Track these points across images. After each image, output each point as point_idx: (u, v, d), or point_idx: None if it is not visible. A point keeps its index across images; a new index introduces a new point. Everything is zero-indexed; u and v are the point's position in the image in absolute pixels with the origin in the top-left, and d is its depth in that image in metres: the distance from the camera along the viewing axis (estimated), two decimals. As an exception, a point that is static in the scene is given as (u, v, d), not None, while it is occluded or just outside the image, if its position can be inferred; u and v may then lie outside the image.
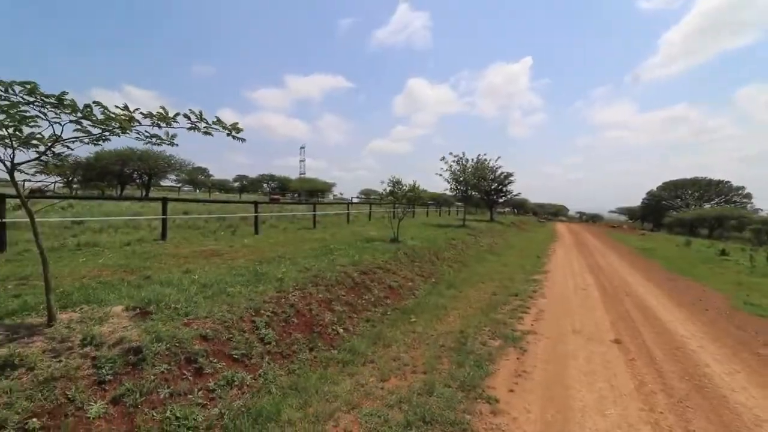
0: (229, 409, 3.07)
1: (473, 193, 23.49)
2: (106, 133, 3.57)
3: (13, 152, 3.36)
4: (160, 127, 3.68)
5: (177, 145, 4.01)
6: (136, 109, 3.52)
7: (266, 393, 3.38)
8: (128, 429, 2.66)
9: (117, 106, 3.43)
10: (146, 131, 3.69)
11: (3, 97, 3.08)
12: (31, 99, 3.17)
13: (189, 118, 3.67)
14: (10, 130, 3.24)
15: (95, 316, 3.70)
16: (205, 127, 3.79)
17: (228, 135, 3.96)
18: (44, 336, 3.25)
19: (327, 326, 4.89)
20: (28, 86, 3.08)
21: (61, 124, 3.35)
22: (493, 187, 28.68)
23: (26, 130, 3.33)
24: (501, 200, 31.05)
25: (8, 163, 3.38)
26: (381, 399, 3.42)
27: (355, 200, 44.63)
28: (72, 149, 3.80)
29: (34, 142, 3.41)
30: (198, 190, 54.84)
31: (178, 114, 3.65)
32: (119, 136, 3.69)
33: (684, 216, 43.71)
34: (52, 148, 3.46)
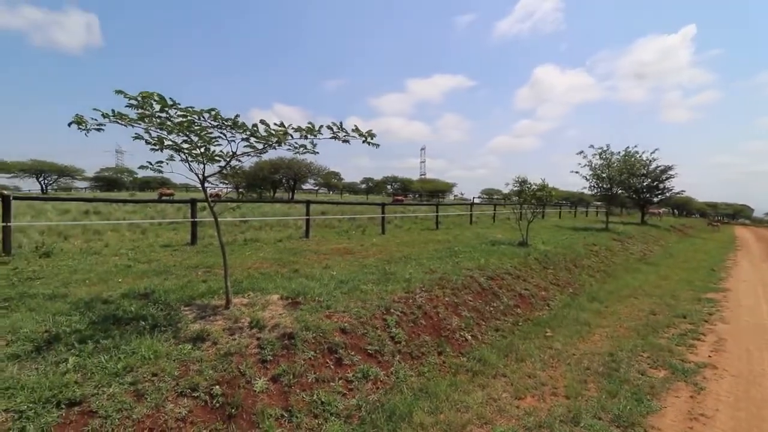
0: (366, 402, 3.25)
1: (619, 191, 20.33)
2: (267, 147, 4.18)
3: (204, 167, 4.20)
4: (307, 138, 4.12)
5: (318, 152, 4.46)
6: (290, 125, 4.01)
7: (398, 392, 3.47)
8: (284, 406, 3.03)
9: (275, 123, 3.97)
10: (295, 143, 4.18)
11: (196, 123, 3.84)
12: (215, 123, 3.88)
13: (331, 129, 4.02)
14: (202, 149, 4.05)
15: (258, 302, 4.36)
16: (344, 136, 4.11)
17: (363, 141, 4.21)
18: (223, 316, 3.95)
19: (454, 331, 4.81)
20: (213, 113, 3.78)
21: (235, 142, 4.05)
22: (645, 183, 24.41)
23: (210, 149, 4.13)
24: (656, 199, 26.18)
25: (200, 176, 4.22)
26: (517, 419, 3.18)
27: (476, 200, 43.34)
28: (242, 162, 4.58)
29: (217, 157, 4.20)
30: (331, 192, 60.75)
31: (322, 126, 4.03)
32: (275, 149, 4.28)
33: None
34: (230, 163, 4.19)
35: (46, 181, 43.85)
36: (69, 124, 3.58)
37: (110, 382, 2.68)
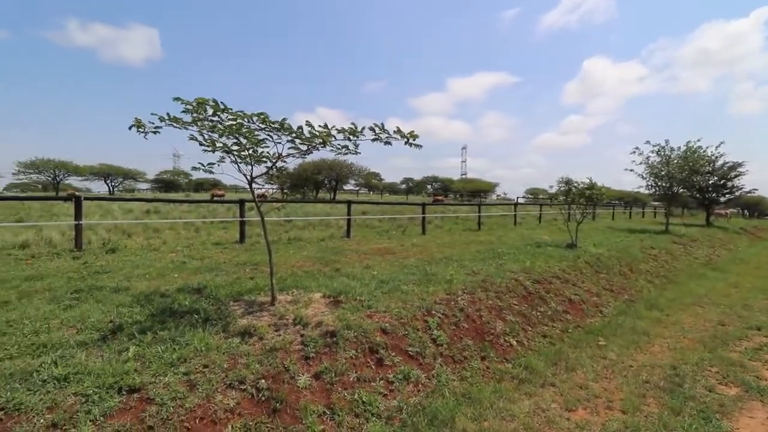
0: (407, 404, 3.20)
1: (680, 190, 18.75)
2: (311, 148, 4.26)
3: (252, 168, 4.35)
4: (350, 140, 4.15)
5: (360, 153, 4.48)
6: (333, 126, 4.06)
7: (440, 396, 3.40)
8: (326, 403, 3.05)
9: (319, 125, 4.03)
10: (338, 144, 4.22)
11: (245, 126, 3.99)
12: (263, 126, 4.01)
13: (374, 131, 4.02)
14: (250, 151, 4.20)
15: (302, 300, 4.46)
16: (386, 138, 4.10)
17: (406, 143, 4.17)
18: (269, 312, 4.07)
19: (498, 336, 4.64)
20: (262, 116, 3.91)
21: (282, 144, 4.16)
22: (710, 182, 22.35)
23: (258, 150, 4.27)
24: (723, 199, 23.89)
25: (248, 177, 4.38)
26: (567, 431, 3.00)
27: (520, 200, 41.85)
28: (287, 163, 4.70)
29: (264, 159, 4.34)
30: (371, 192, 61.33)
31: (364, 128, 4.04)
32: (319, 150, 4.35)
33: None
34: (276, 164, 4.32)
35: (112, 183, 48.03)
36: (129, 128, 3.86)
37: (166, 372, 2.84)
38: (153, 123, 3.86)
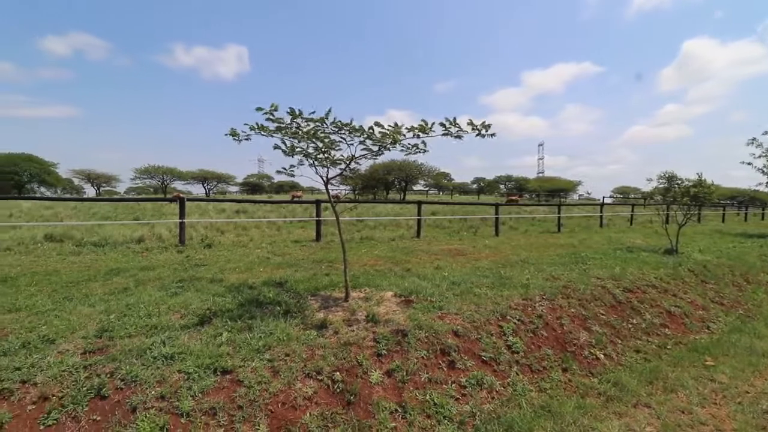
0: (480, 411, 3.10)
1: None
2: (382, 149, 4.34)
3: (327, 170, 4.57)
4: (419, 137, 4.15)
5: (428, 151, 4.44)
6: (402, 125, 4.09)
7: (516, 405, 3.23)
8: (398, 401, 3.08)
9: (389, 125, 4.09)
10: (408, 143, 4.24)
11: (320, 130, 4.19)
12: (335, 129, 4.18)
13: (444, 125, 3.99)
14: (326, 154, 4.41)
15: (374, 297, 4.56)
16: (456, 132, 4.03)
17: (477, 135, 4.06)
18: (343, 308, 4.23)
19: (582, 347, 4.28)
20: (333, 118, 4.08)
21: (354, 145, 4.30)
22: None
23: (332, 153, 4.46)
24: None
25: (324, 178, 4.61)
26: (667, 459, 2.66)
27: (607, 200, 38.12)
28: (360, 164, 4.85)
29: (338, 161, 4.52)
30: (441, 193, 60.61)
31: (434, 123, 4.02)
32: (390, 150, 4.41)
33: None
34: (349, 165, 4.48)
35: (208, 186, 53.91)
36: (225, 135, 4.30)
37: (253, 357, 3.10)
38: (245, 132, 4.25)
